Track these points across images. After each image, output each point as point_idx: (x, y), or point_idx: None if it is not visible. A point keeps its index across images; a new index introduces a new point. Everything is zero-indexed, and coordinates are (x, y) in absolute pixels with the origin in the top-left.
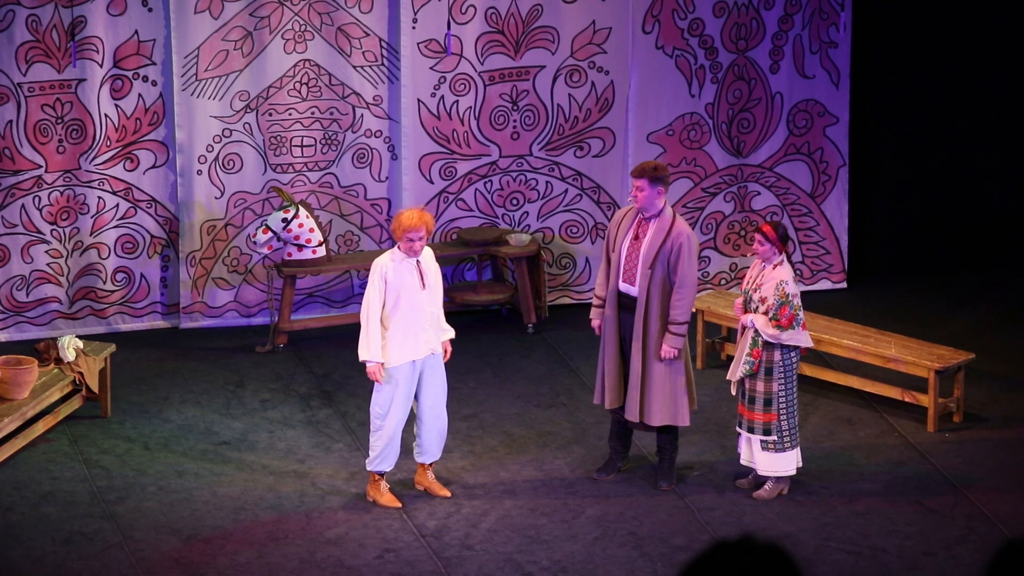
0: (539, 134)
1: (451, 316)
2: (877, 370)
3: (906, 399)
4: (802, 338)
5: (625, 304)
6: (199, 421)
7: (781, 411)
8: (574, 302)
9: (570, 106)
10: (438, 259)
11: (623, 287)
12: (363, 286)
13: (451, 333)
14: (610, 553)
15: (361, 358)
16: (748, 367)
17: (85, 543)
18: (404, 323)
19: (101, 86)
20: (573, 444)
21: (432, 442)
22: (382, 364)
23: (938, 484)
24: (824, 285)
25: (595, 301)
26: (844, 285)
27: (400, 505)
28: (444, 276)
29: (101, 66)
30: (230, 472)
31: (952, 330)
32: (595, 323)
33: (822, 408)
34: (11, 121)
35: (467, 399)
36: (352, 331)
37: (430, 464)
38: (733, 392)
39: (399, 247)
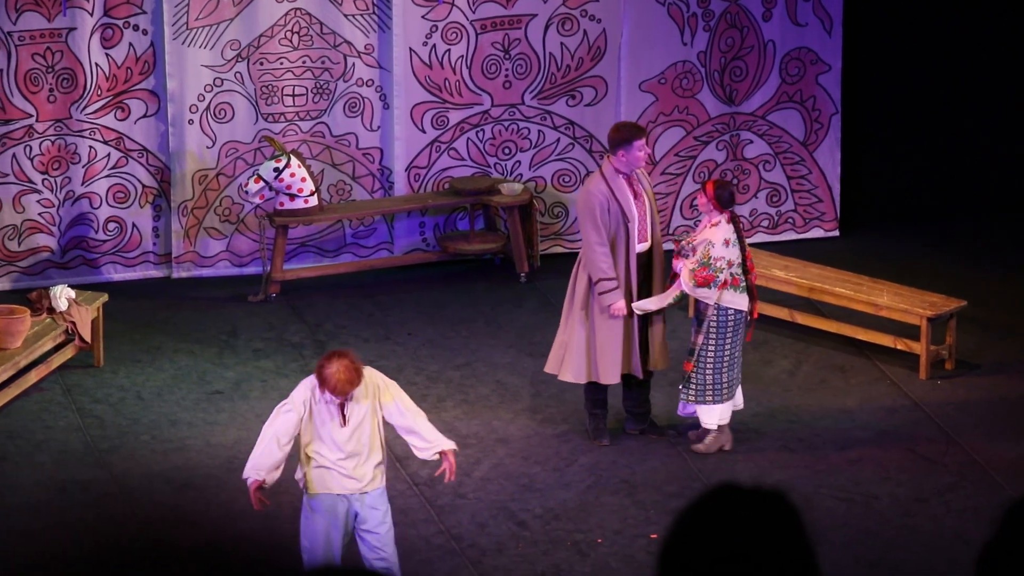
0: (531, 83)
1: (444, 265)
2: (869, 318)
3: (898, 347)
4: (737, 301)
5: (641, 264)
6: (192, 370)
7: (702, 365)
8: (566, 251)
9: (562, 55)
10: (431, 209)
11: (640, 247)
12: (355, 236)
13: (444, 445)
14: (603, 501)
15: (244, 474)
16: (675, 299)
17: (79, 492)
18: (324, 456)
19: (91, 35)
20: (565, 392)
21: None
22: (262, 482)
23: (930, 431)
24: (816, 233)
25: (612, 285)
26: (836, 233)
27: None
28: (436, 226)
29: (91, 15)
30: (223, 421)
31: (944, 277)
32: (620, 305)
33: (814, 356)
34: (1, 70)
35: (460, 348)
36: (345, 280)
37: None
38: None
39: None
